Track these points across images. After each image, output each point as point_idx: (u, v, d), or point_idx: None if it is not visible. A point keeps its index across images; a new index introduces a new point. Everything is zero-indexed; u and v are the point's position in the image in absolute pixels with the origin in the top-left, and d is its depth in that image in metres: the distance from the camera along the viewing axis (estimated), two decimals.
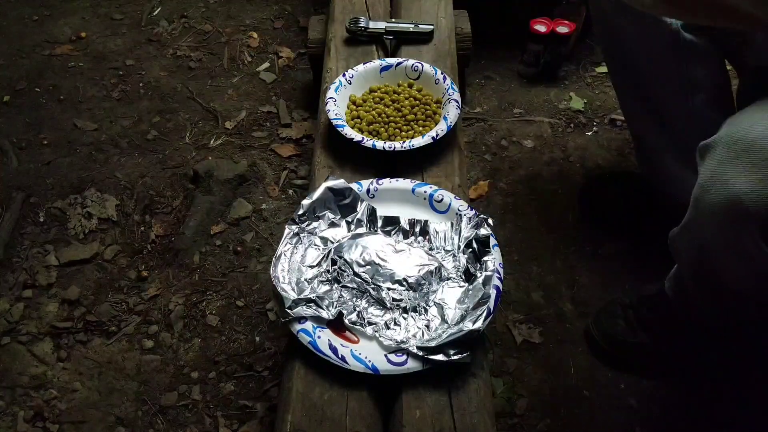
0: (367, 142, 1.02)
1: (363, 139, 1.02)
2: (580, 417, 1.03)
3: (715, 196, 0.70)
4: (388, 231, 0.93)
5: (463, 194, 0.99)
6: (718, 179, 0.69)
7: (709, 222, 0.73)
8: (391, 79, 1.16)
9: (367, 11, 1.31)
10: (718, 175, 0.69)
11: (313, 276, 0.87)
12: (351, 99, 1.13)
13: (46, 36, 1.76)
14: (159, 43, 1.73)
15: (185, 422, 1.05)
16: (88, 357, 1.13)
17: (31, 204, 1.36)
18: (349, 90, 1.13)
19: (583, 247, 1.25)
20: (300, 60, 1.67)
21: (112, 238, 1.30)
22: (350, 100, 1.13)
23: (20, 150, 1.47)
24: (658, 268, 1.01)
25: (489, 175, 1.38)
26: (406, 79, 1.15)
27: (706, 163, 0.72)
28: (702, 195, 0.72)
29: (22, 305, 1.19)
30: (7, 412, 1.06)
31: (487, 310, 0.79)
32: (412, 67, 1.15)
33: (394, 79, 1.16)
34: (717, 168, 0.70)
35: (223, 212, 1.33)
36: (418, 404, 0.76)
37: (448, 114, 1.06)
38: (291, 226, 0.91)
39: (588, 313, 1.14)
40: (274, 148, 1.46)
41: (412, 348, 0.78)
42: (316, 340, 0.79)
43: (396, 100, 1.11)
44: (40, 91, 1.61)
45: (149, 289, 1.21)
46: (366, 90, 1.15)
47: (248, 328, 1.16)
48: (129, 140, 1.49)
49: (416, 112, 1.10)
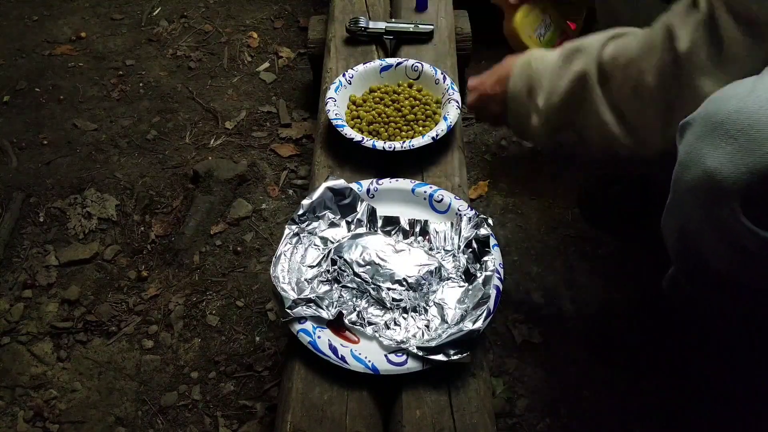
0: (367, 142, 1.02)
1: (363, 139, 1.02)
2: (580, 417, 1.03)
3: (692, 172, 0.68)
4: (388, 231, 0.93)
5: (463, 194, 0.99)
6: (695, 155, 0.67)
7: (688, 200, 0.71)
8: (391, 79, 1.16)
9: (367, 11, 1.31)
10: (694, 151, 0.68)
11: (313, 276, 0.87)
12: (351, 99, 1.13)
13: (46, 36, 1.76)
14: (159, 43, 1.73)
15: (185, 422, 1.05)
16: (88, 357, 1.13)
17: (31, 204, 1.36)
18: (349, 90, 1.13)
19: (583, 247, 1.25)
20: (300, 60, 1.67)
21: (112, 238, 1.30)
22: (350, 100, 1.13)
23: (20, 150, 1.47)
24: (658, 268, 1.01)
25: (489, 175, 1.38)
26: (406, 79, 1.15)
27: (684, 140, 0.70)
28: (680, 173, 0.71)
29: (22, 305, 1.19)
30: (7, 412, 1.06)
31: (487, 310, 0.79)
32: (412, 67, 1.15)
33: (394, 79, 1.16)
34: (693, 144, 0.68)
35: (223, 212, 1.33)
36: (418, 404, 0.76)
37: (448, 114, 1.06)
38: (291, 226, 0.91)
39: (588, 313, 1.14)
40: (274, 148, 1.46)
41: (412, 348, 0.78)
42: (316, 340, 0.79)
43: (396, 100, 1.11)
44: (40, 91, 1.61)
45: (149, 289, 1.21)
46: (366, 90, 1.15)
47: (248, 328, 1.16)
48: (129, 140, 1.49)
49: (416, 112, 1.10)
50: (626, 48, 0.79)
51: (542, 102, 0.88)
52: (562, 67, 0.85)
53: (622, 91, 0.79)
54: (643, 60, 0.77)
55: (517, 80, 0.92)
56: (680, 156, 0.71)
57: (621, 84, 0.79)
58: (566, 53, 0.86)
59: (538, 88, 0.89)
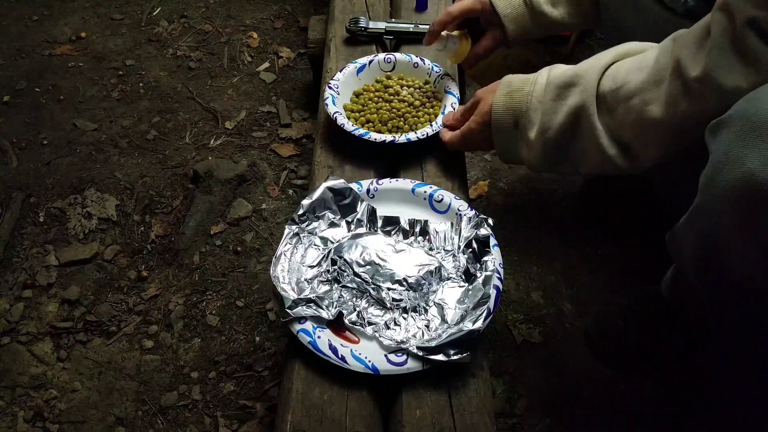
0: (372, 135, 1.01)
1: (368, 133, 1.01)
2: (580, 417, 1.03)
3: (728, 175, 0.65)
4: (388, 231, 0.93)
5: (463, 194, 0.99)
6: (732, 157, 0.65)
7: (723, 205, 0.68)
8: (369, 78, 1.14)
9: (367, 11, 1.31)
10: (732, 152, 0.65)
11: (313, 276, 0.87)
12: (346, 107, 1.11)
13: (46, 36, 1.76)
14: (159, 43, 1.73)
15: (185, 422, 1.05)
16: (88, 357, 1.13)
17: (31, 204, 1.36)
18: (342, 99, 1.12)
19: (583, 247, 1.25)
20: (300, 60, 1.67)
21: (112, 238, 1.30)
22: (346, 109, 1.11)
23: (20, 150, 1.47)
24: (658, 269, 1.01)
25: (489, 175, 1.38)
26: (382, 74, 1.14)
27: (718, 141, 0.67)
28: (714, 175, 0.68)
29: (22, 305, 1.19)
30: (7, 412, 1.06)
31: (487, 310, 0.79)
32: (384, 60, 1.14)
33: (372, 77, 1.14)
34: (731, 145, 0.65)
35: (223, 212, 1.33)
36: (418, 404, 0.76)
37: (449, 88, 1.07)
38: (291, 226, 0.91)
39: (588, 313, 1.14)
40: (274, 148, 1.46)
41: (412, 348, 0.78)
42: (316, 340, 0.79)
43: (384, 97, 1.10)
44: (40, 91, 1.61)
45: (149, 289, 1.21)
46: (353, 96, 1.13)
47: (248, 328, 1.16)
48: (129, 140, 1.49)
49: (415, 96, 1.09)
50: (628, 80, 0.78)
51: (535, 136, 0.87)
52: (556, 101, 0.84)
53: (624, 121, 0.79)
54: (648, 91, 0.76)
55: (501, 114, 0.90)
56: (714, 157, 0.68)
57: (623, 115, 0.79)
58: (559, 85, 0.84)
59: (528, 122, 0.87)
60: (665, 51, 0.76)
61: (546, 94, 0.86)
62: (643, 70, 0.78)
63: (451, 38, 1.06)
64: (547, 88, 0.86)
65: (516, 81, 0.91)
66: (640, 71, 0.78)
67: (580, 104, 0.82)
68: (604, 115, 0.81)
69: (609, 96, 0.80)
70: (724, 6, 0.69)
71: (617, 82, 0.80)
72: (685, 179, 0.79)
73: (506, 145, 0.93)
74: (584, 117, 0.82)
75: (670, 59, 0.75)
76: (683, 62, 0.72)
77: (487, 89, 0.95)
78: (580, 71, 0.84)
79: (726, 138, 0.66)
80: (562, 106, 0.84)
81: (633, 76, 0.78)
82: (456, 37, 1.07)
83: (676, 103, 0.74)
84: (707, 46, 0.71)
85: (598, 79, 0.82)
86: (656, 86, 0.76)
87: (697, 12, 0.86)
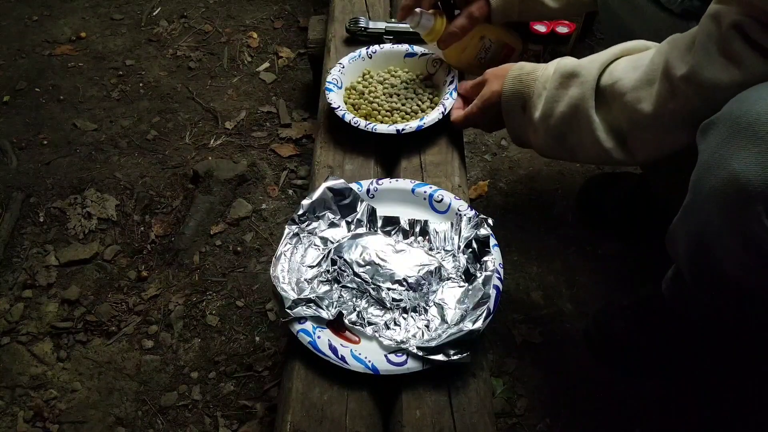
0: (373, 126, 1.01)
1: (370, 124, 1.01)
2: (580, 417, 1.03)
3: (715, 176, 0.67)
4: (388, 231, 0.93)
5: (463, 194, 0.99)
6: (719, 158, 0.66)
7: (710, 204, 0.69)
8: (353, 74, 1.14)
9: (367, 11, 1.31)
10: (719, 153, 0.66)
11: (313, 276, 0.87)
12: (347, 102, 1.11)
13: (46, 36, 1.76)
14: (159, 43, 1.73)
15: (185, 422, 1.05)
16: (88, 357, 1.13)
17: (31, 204, 1.36)
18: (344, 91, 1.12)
19: (583, 247, 1.25)
20: (300, 60, 1.67)
21: (112, 238, 1.30)
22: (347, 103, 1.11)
23: (20, 150, 1.47)
24: (658, 269, 1.01)
25: (489, 175, 1.38)
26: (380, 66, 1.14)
27: (707, 142, 0.69)
28: (702, 176, 0.69)
29: (21, 305, 1.19)
30: (7, 412, 1.06)
31: (487, 310, 0.79)
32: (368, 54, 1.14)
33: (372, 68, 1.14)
34: (718, 146, 0.67)
35: (223, 212, 1.33)
36: (418, 404, 0.76)
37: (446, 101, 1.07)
38: (291, 226, 0.91)
39: (588, 313, 1.14)
40: (274, 148, 1.46)
41: (412, 348, 0.78)
42: (316, 340, 0.79)
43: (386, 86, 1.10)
44: (40, 91, 1.61)
45: (149, 289, 1.21)
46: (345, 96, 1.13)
47: (248, 328, 1.16)
48: (129, 140, 1.49)
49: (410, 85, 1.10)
50: (623, 77, 0.81)
51: (538, 121, 0.90)
52: (559, 89, 0.87)
53: (620, 116, 0.82)
54: (641, 90, 0.78)
55: (509, 97, 0.93)
56: (703, 157, 0.70)
57: (619, 111, 0.81)
58: (563, 74, 0.87)
59: (532, 107, 0.90)
60: (660, 52, 0.78)
61: (551, 81, 0.88)
62: (638, 69, 0.80)
63: (425, 15, 1.02)
64: (553, 76, 0.88)
65: (528, 66, 0.93)
66: (636, 70, 0.80)
67: (579, 96, 0.84)
68: (603, 109, 0.83)
69: (607, 91, 0.82)
70: (712, 12, 0.71)
71: (614, 78, 0.82)
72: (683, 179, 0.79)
73: (516, 129, 0.96)
74: (582, 109, 0.84)
75: (662, 60, 0.77)
76: (671, 62, 0.74)
77: (496, 72, 0.98)
78: (583, 63, 0.86)
79: (713, 139, 0.68)
80: (564, 96, 0.86)
81: (629, 73, 0.80)
82: (430, 14, 1.03)
83: (665, 102, 0.76)
84: (694, 48, 0.73)
85: (600, 73, 0.83)
86: (649, 85, 0.78)
87: (694, 12, 0.87)
